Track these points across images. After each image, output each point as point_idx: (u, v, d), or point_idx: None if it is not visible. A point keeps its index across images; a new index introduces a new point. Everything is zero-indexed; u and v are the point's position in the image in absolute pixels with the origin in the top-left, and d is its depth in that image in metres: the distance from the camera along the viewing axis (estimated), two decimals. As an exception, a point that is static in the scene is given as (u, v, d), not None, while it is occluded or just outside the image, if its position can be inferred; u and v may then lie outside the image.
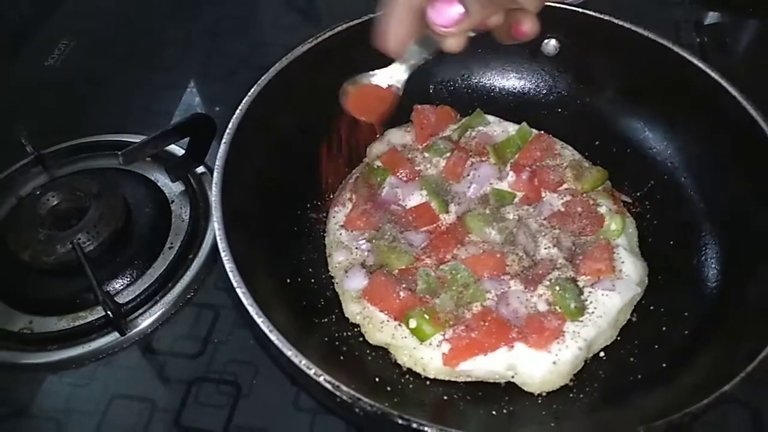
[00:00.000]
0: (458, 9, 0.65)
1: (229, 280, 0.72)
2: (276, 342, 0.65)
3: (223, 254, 0.73)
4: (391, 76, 0.82)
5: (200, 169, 1.14)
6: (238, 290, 0.69)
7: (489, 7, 0.66)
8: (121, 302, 0.96)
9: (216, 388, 0.91)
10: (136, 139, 1.13)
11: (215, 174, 0.81)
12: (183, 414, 0.88)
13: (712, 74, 0.89)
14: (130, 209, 1.06)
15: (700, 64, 0.90)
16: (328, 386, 0.63)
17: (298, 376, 0.67)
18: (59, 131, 1.23)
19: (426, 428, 0.60)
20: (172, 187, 1.12)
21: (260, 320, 0.66)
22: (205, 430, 0.87)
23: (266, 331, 0.66)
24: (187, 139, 1.09)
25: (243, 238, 0.78)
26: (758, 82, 1.16)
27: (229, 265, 0.71)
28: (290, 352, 0.64)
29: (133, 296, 0.98)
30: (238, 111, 0.88)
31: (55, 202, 1.05)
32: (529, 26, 0.68)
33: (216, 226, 0.75)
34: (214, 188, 0.79)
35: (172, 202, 1.10)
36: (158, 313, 0.97)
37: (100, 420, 0.88)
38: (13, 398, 0.92)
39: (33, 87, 1.35)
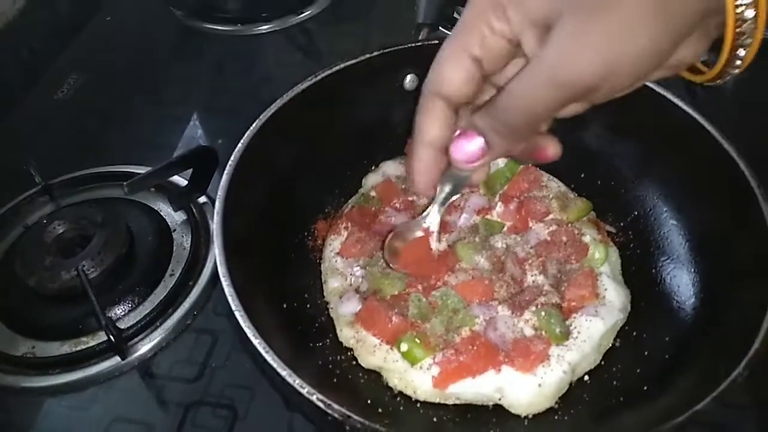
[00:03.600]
0: (479, 144, 0.64)
1: (228, 305, 0.74)
2: (271, 362, 0.68)
3: (223, 279, 0.76)
4: (426, 221, 0.88)
5: (202, 200, 1.17)
6: (236, 313, 0.72)
7: (511, 140, 0.64)
8: (122, 327, 0.98)
9: (213, 411, 0.92)
10: (141, 170, 1.17)
11: (217, 203, 0.84)
12: (180, 437, 0.90)
13: (690, 112, 0.93)
14: (134, 237, 1.09)
15: (679, 102, 0.94)
16: (320, 404, 0.65)
17: (292, 396, 0.69)
18: (66, 162, 1.26)
19: (414, 445, 0.63)
20: (174, 217, 1.15)
21: (257, 341, 0.69)
22: (201, 452, 0.89)
23: (262, 351, 0.68)
24: (190, 171, 1.13)
25: (242, 264, 0.81)
26: (747, 121, 1.21)
27: (228, 289, 0.74)
28: (284, 372, 0.67)
29: (134, 322, 1.00)
30: (239, 144, 0.91)
31: (61, 231, 1.07)
32: (553, 150, 0.68)
33: (217, 252, 0.78)
34: (215, 216, 0.82)
35: (174, 230, 1.14)
36: (158, 339, 1.00)
37: (99, 443, 0.90)
38: (16, 421, 0.94)
39: (42, 119, 1.39)
